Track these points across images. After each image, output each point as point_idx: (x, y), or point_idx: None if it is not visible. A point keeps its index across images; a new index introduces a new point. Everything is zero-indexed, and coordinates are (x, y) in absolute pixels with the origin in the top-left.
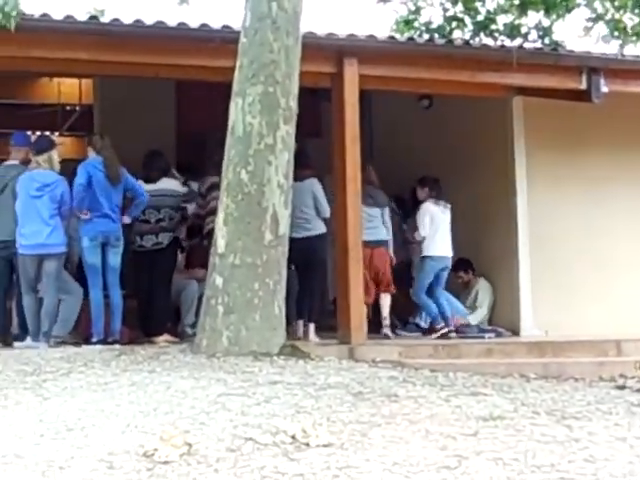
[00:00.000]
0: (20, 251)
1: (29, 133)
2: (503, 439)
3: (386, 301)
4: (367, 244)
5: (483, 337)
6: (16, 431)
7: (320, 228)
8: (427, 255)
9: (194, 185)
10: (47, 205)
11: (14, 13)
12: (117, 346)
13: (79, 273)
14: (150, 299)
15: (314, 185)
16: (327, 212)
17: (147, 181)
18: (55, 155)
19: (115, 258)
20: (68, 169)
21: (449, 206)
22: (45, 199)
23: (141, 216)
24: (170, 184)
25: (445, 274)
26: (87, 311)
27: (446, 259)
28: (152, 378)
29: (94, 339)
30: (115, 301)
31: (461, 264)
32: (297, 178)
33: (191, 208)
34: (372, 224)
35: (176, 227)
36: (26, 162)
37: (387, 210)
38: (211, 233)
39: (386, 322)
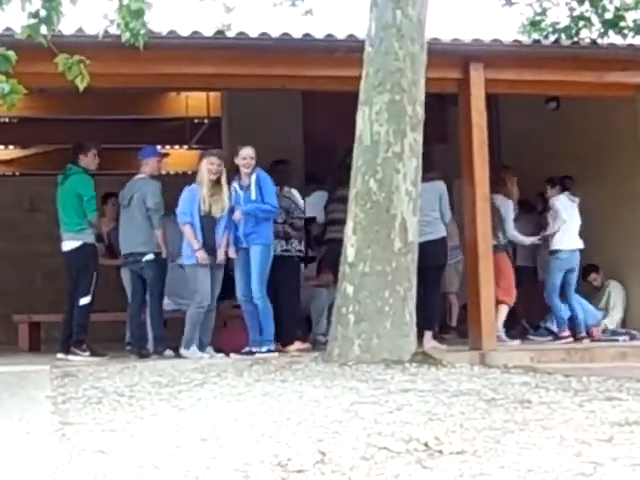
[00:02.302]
0: None
1: (158, 147)
2: None
3: (501, 312)
4: None
5: (617, 340)
6: (153, 442)
7: (440, 231)
8: (558, 249)
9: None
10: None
11: (142, 31)
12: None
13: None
14: (279, 308)
15: (441, 187)
16: (448, 216)
17: None
18: (204, 166)
19: None
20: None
21: (577, 200)
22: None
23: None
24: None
25: (575, 275)
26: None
27: (576, 254)
28: (285, 387)
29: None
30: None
31: (590, 268)
32: (423, 180)
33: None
34: None
35: (296, 237)
36: (155, 175)
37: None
38: (331, 241)
39: (499, 334)
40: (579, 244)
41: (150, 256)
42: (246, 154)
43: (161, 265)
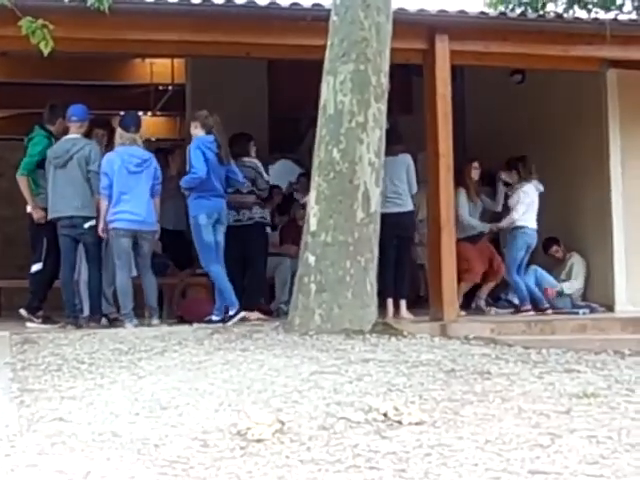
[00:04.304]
0: (115, 225)
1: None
2: (597, 417)
3: (460, 289)
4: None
5: (577, 313)
6: (112, 409)
7: (410, 204)
8: (521, 225)
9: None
10: (146, 182)
11: None
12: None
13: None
14: (243, 276)
15: (408, 160)
16: (415, 189)
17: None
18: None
19: (222, 236)
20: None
21: (541, 187)
22: (144, 176)
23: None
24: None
25: (528, 254)
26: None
27: (535, 234)
28: (245, 356)
29: (215, 317)
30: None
31: (552, 241)
32: (390, 153)
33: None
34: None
35: (258, 205)
36: (88, 136)
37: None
38: None
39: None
40: (535, 226)
41: (92, 222)
42: None
43: (96, 232)
